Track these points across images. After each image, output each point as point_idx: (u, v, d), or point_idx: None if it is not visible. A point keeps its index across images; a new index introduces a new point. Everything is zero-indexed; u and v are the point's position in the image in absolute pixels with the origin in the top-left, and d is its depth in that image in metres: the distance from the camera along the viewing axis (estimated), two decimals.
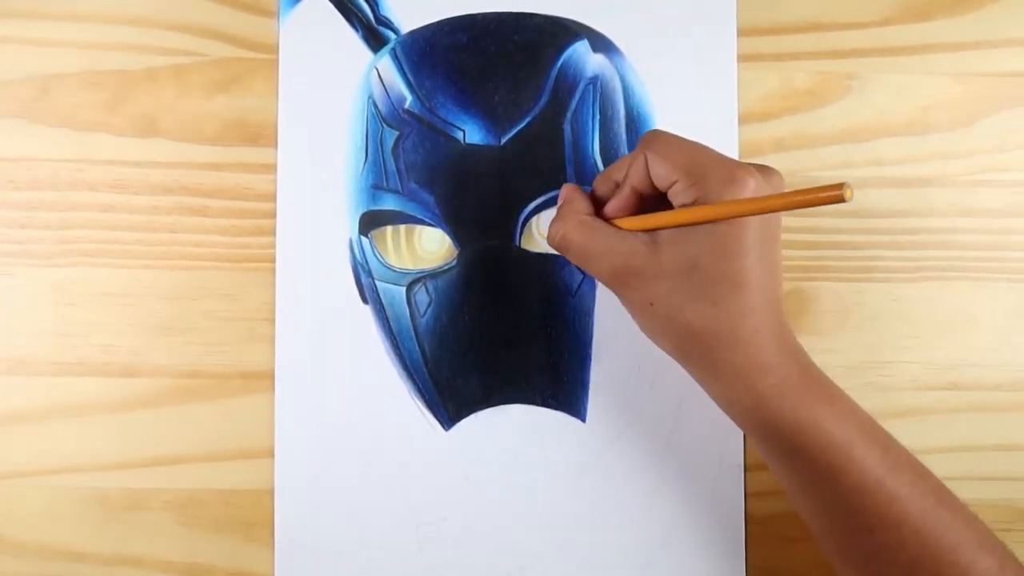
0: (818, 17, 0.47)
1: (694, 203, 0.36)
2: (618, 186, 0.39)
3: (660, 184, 0.37)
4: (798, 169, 0.46)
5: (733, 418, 0.39)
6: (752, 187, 0.35)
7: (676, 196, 0.36)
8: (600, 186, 0.41)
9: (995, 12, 0.47)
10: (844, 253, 0.47)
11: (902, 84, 0.47)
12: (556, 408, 0.46)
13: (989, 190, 0.47)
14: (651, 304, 0.37)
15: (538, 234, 0.46)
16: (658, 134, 0.38)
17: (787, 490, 0.39)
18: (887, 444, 0.37)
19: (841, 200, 0.31)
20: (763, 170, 0.37)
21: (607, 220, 0.39)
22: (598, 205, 0.40)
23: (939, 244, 0.47)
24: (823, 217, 0.46)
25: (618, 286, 0.39)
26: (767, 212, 0.34)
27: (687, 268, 0.36)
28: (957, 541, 0.36)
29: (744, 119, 0.46)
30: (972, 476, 0.46)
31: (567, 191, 0.41)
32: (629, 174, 0.38)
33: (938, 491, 0.37)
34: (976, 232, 0.47)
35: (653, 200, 0.38)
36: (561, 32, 0.46)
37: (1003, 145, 0.47)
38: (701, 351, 0.37)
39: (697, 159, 0.36)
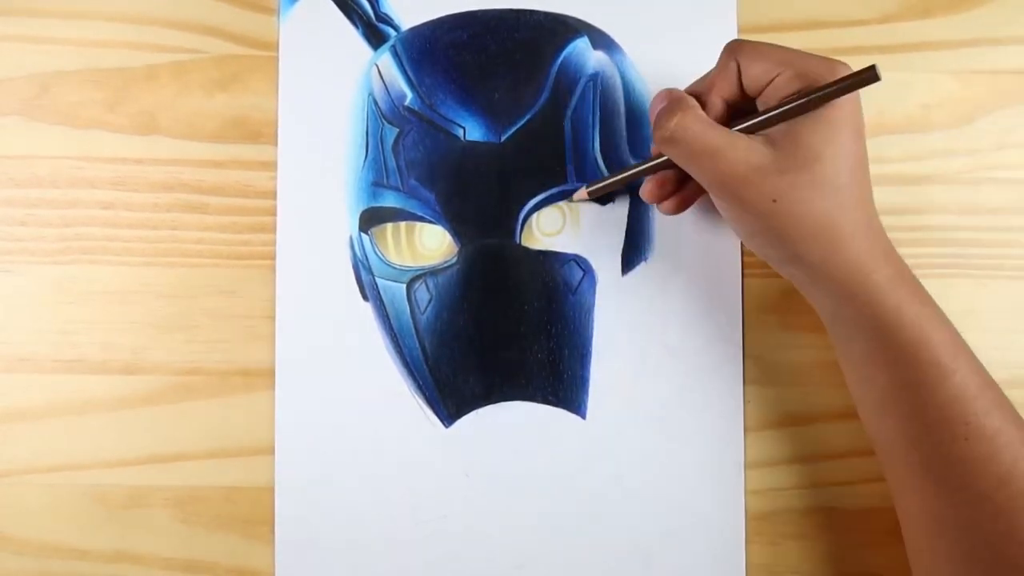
0: (818, 15, 0.47)
1: (797, 93, 0.37)
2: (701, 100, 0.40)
3: (756, 84, 0.38)
4: None
5: (841, 319, 0.38)
6: (846, 71, 0.36)
7: (778, 90, 0.37)
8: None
9: (995, 10, 0.47)
10: None
11: (902, 82, 0.47)
12: (556, 405, 0.46)
13: (990, 188, 0.47)
14: (774, 201, 0.37)
15: (538, 231, 0.46)
16: (743, 42, 0.39)
17: (872, 402, 0.39)
18: (977, 359, 0.38)
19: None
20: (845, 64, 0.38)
21: None
22: None
23: (940, 242, 0.47)
24: None
25: (736, 186, 0.37)
26: (859, 86, 0.36)
27: (810, 159, 0.36)
28: None
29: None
30: None
31: (668, 93, 0.40)
32: (716, 84, 0.39)
33: (1016, 412, 0.37)
34: (977, 230, 0.47)
35: (742, 109, 0.39)
36: (561, 29, 0.46)
37: (1004, 143, 0.47)
38: (825, 244, 0.37)
39: (793, 54, 0.38)
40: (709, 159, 0.37)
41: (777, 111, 0.37)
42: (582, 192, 0.45)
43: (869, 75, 0.35)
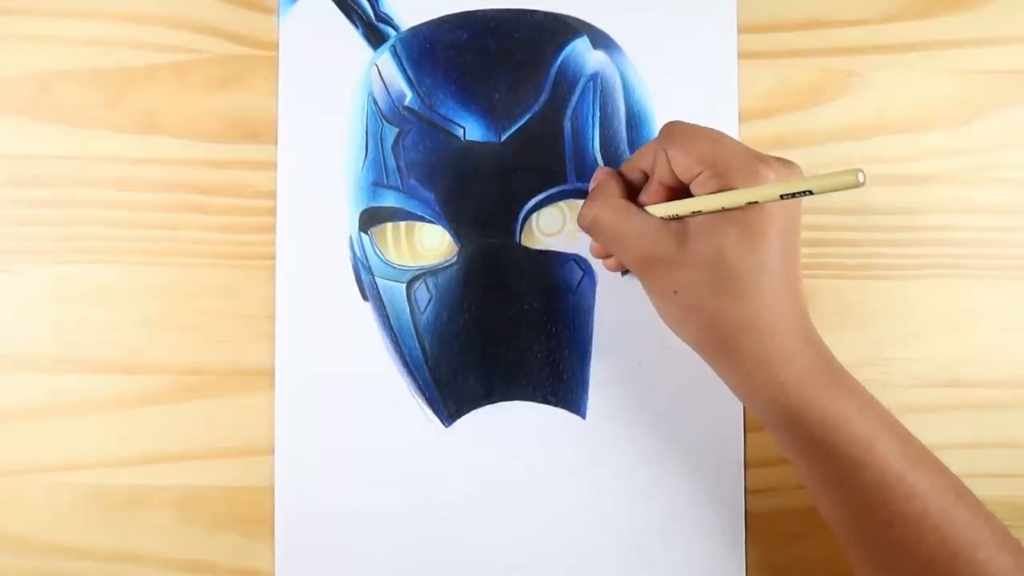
0: (819, 14, 0.47)
1: (717, 192, 0.36)
2: (645, 175, 0.40)
3: (683, 177, 0.37)
4: (799, 167, 0.46)
5: (754, 409, 0.39)
6: (774, 177, 0.35)
7: (699, 188, 0.37)
8: (628, 172, 0.41)
9: (995, 10, 0.47)
10: (845, 250, 0.47)
11: (903, 81, 0.47)
12: (556, 405, 0.46)
13: (990, 187, 0.47)
14: (675, 292, 0.37)
15: (538, 231, 0.46)
16: (676, 127, 0.38)
17: (806, 482, 0.39)
18: (907, 439, 0.37)
19: (855, 184, 0.31)
20: (783, 163, 0.37)
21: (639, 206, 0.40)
22: (629, 190, 0.41)
23: (940, 241, 0.47)
24: (824, 214, 0.46)
25: (644, 272, 0.39)
26: (783, 193, 0.34)
27: (714, 259, 0.36)
28: (975, 538, 0.36)
29: (744, 116, 0.46)
30: (973, 473, 0.46)
31: (600, 174, 0.41)
32: (655, 169, 0.39)
33: (956, 487, 0.37)
34: (977, 229, 0.47)
35: (683, 190, 0.38)
36: (561, 29, 0.46)
37: (1003, 142, 0.47)
38: (723, 340, 0.37)
39: (718, 151, 0.36)
40: (621, 246, 0.39)
41: (694, 206, 0.37)
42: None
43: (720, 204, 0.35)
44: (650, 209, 0.39)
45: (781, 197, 0.34)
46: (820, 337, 0.38)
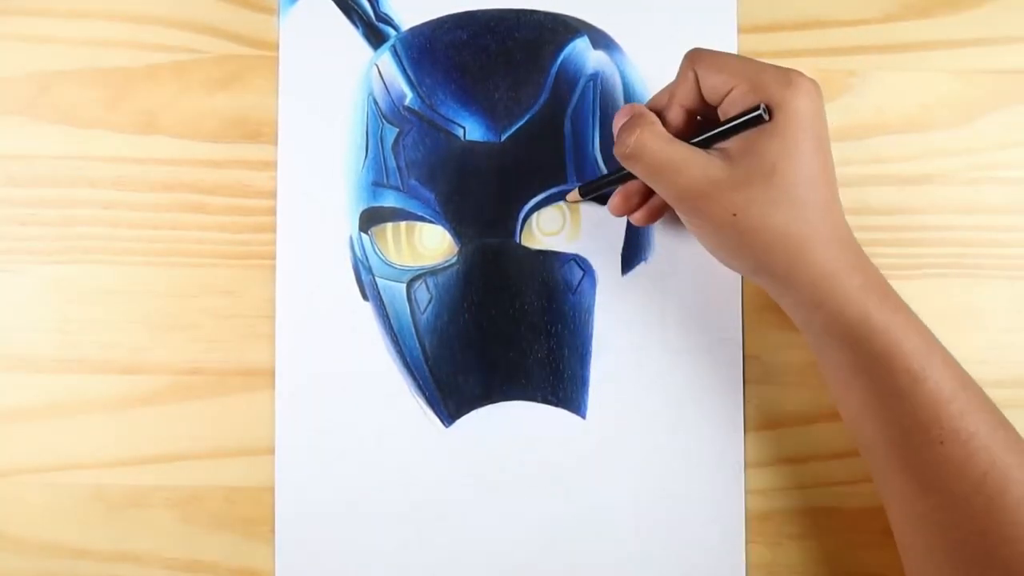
0: (818, 14, 0.47)
1: (755, 107, 0.37)
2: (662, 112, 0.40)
3: (714, 95, 0.38)
4: None
5: (813, 327, 0.38)
6: (807, 86, 0.37)
7: (734, 103, 0.37)
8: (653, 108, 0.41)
9: (995, 9, 0.47)
10: None
11: (902, 81, 0.47)
12: (556, 405, 0.46)
13: (989, 187, 0.47)
14: (734, 215, 0.37)
15: (538, 231, 0.46)
16: (701, 51, 0.39)
17: (852, 407, 0.39)
18: (956, 363, 0.38)
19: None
20: (807, 78, 0.38)
21: None
22: None
23: (939, 241, 0.47)
24: None
25: (696, 201, 0.38)
26: None
27: (767, 172, 0.36)
28: (1019, 463, 0.36)
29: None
30: None
31: (630, 108, 0.41)
32: (676, 93, 0.39)
33: (999, 416, 0.37)
34: (977, 229, 0.47)
35: (702, 116, 0.39)
36: (561, 29, 0.46)
37: (1004, 142, 0.47)
38: (789, 256, 0.37)
39: (750, 66, 0.37)
40: (668, 175, 0.38)
41: (719, 129, 0.38)
42: (575, 193, 0.45)
43: (756, 116, 0.36)
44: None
45: None
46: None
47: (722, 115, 0.38)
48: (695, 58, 0.39)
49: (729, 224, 0.37)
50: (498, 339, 0.46)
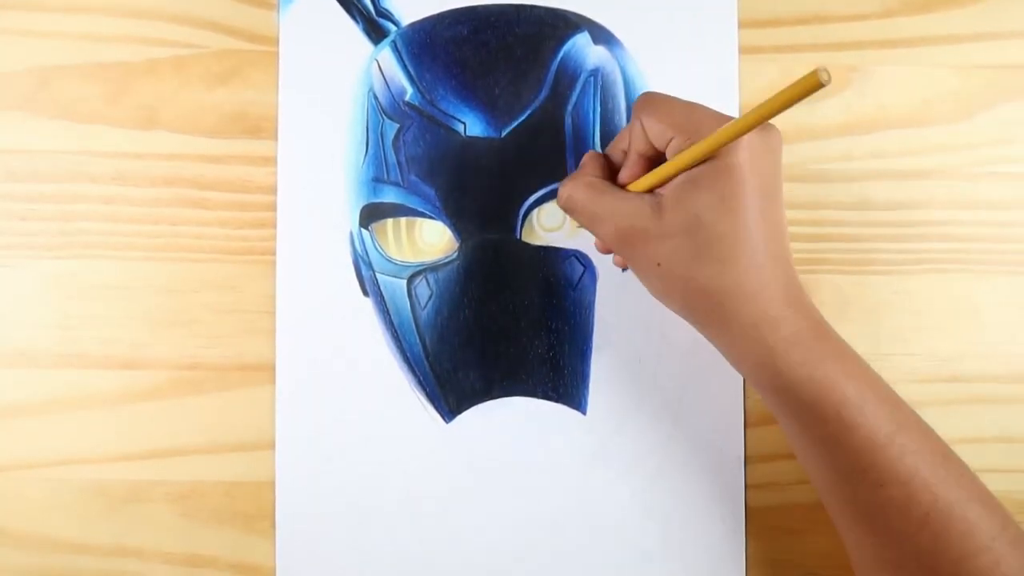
0: (819, 9, 0.47)
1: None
2: (625, 153, 0.40)
3: (658, 144, 0.38)
4: (798, 161, 0.46)
5: (744, 375, 0.39)
6: (748, 139, 0.35)
7: (673, 152, 0.37)
8: (612, 153, 0.41)
9: (996, 4, 0.47)
10: (844, 245, 0.47)
11: (903, 76, 0.47)
12: (557, 401, 0.46)
13: (990, 182, 0.47)
14: (658, 264, 0.37)
15: (539, 226, 0.46)
16: (649, 96, 0.38)
17: (795, 449, 0.39)
18: (896, 402, 0.37)
19: (819, 84, 0.30)
20: (761, 127, 0.36)
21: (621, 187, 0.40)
22: (613, 172, 0.41)
23: (940, 236, 0.47)
24: (824, 210, 0.46)
25: (624, 247, 0.38)
26: (751, 126, 0.34)
27: (691, 226, 0.36)
28: (964, 496, 0.36)
29: (745, 111, 0.46)
30: (973, 468, 0.46)
31: (585, 157, 0.41)
32: (632, 140, 0.39)
33: (943, 449, 0.37)
34: (977, 224, 0.47)
35: (660, 161, 0.39)
36: (562, 24, 0.46)
37: (1004, 137, 0.47)
38: (709, 307, 0.37)
39: (690, 115, 0.37)
40: (599, 224, 0.39)
41: (668, 170, 0.37)
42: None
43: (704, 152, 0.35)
44: (630, 186, 0.39)
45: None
46: (810, 299, 0.38)
47: (668, 159, 0.37)
48: (641, 106, 0.38)
49: (654, 272, 0.38)
50: (498, 335, 0.46)
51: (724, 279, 0.36)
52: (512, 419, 0.46)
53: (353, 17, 0.46)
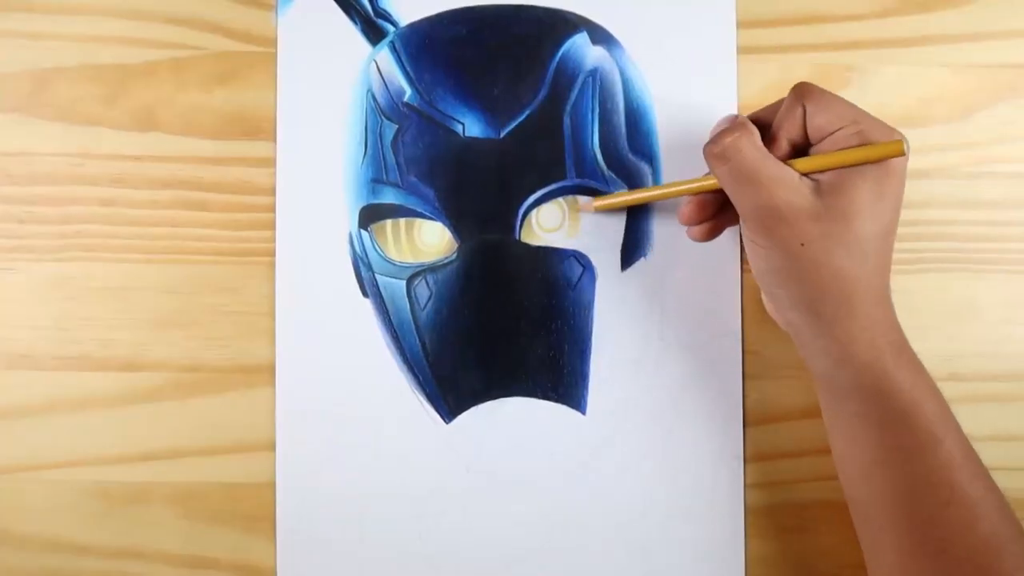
0: (817, 9, 0.47)
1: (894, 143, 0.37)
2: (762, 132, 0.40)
3: (819, 133, 0.38)
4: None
5: (836, 378, 0.39)
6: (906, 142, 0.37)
7: (836, 143, 0.37)
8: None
9: (993, 3, 0.47)
10: None
11: (901, 76, 0.47)
12: (556, 401, 0.46)
13: (988, 182, 0.47)
14: (802, 245, 0.37)
15: (538, 227, 0.46)
16: (811, 87, 0.39)
17: (858, 461, 0.39)
18: (960, 427, 0.38)
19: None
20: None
21: None
22: None
23: (938, 236, 0.47)
24: None
25: (769, 220, 0.37)
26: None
27: (849, 214, 0.36)
28: (1014, 533, 0.37)
29: (744, 111, 0.46)
30: None
31: (735, 117, 0.40)
32: (784, 125, 0.39)
33: (992, 480, 0.38)
34: (975, 224, 0.47)
35: (801, 152, 0.39)
36: (560, 24, 0.46)
37: (1002, 137, 0.47)
38: (839, 300, 0.37)
39: (857, 112, 0.38)
40: (752, 186, 0.38)
41: (837, 163, 0.37)
42: (588, 204, 0.45)
43: (896, 148, 0.36)
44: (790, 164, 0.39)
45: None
46: None
47: (815, 152, 0.38)
48: (804, 93, 0.38)
49: (794, 252, 0.37)
50: (498, 335, 0.46)
51: (863, 272, 0.37)
52: (512, 419, 0.46)
53: (351, 18, 0.46)
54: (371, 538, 0.46)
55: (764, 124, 0.40)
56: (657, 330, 0.46)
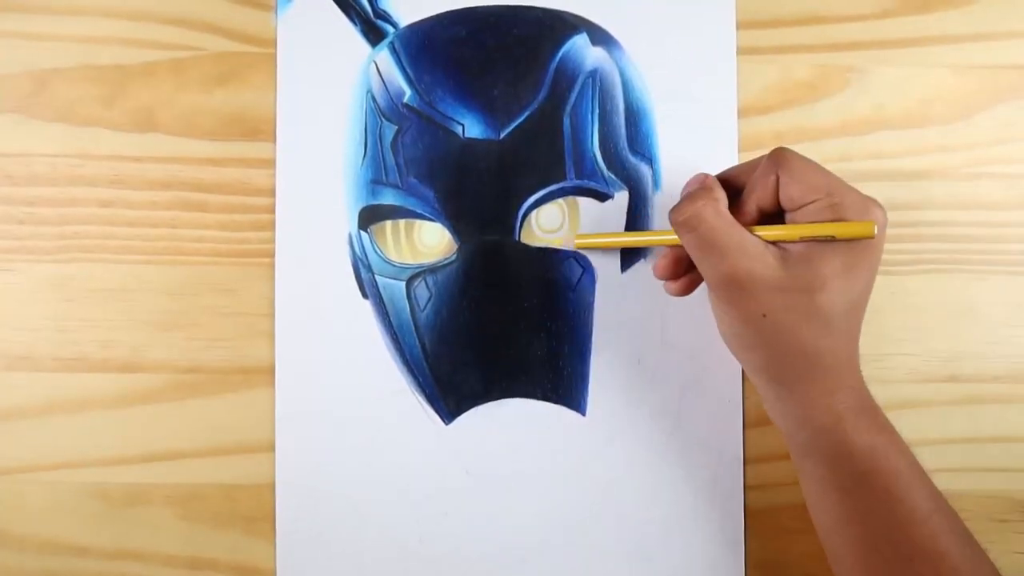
0: (817, 10, 0.47)
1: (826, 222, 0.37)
2: (734, 194, 0.40)
3: (790, 203, 0.38)
4: None
5: (797, 440, 0.39)
6: (882, 219, 0.37)
7: (809, 214, 0.37)
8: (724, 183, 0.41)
9: (993, 4, 0.47)
10: None
11: (901, 77, 0.47)
12: (556, 402, 0.46)
13: (988, 183, 0.47)
14: (763, 316, 0.37)
15: (537, 228, 0.46)
16: (788, 153, 0.38)
17: (828, 518, 0.39)
18: (930, 481, 0.38)
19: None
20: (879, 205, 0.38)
21: None
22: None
23: (938, 237, 0.47)
24: None
25: (732, 288, 0.38)
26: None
27: (815, 286, 0.36)
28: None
29: (743, 112, 0.46)
30: (970, 468, 0.46)
31: (704, 178, 0.40)
32: (755, 190, 0.39)
33: (964, 529, 0.38)
34: (975, 225, 0.47)
35: (771, 219, 0.39)
36: (560, 25, 0.46)
37: (1002, 138, 0.47)
38: (799, 368, 0.37)
39: (832, 184, 0.37)
40: (716, 255, 0.38)
41: (802, 235, 0.37)
42: (570, 241, 0.45)
43: (867, 230, 0.36)
44: (757, 232, 0.38)
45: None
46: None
47: (791, 220, 0.38)
48: (780, 161, 0.38)
49: (756, 322, 0.37)
50: (498, 336, 0.46)
51: (826, 345, 0.37)
52: (512, 420, 0.46)
53: (351, 18, 0.46)
54: (371, 539, 0.46)
55: (737, 185, 0.40)
56: (657, 331, 0.46)
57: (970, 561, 0.37)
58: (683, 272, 0.42)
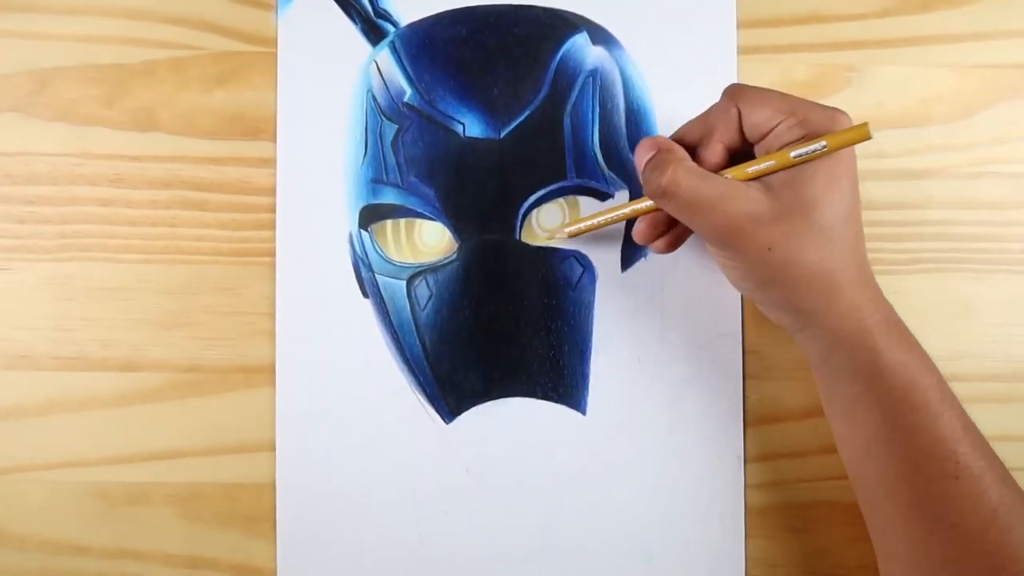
0: (817, 9, 0.47)
1: (802, 139, 0.37)
2: (695, 143, 0.40)
3: (757, 132, 0.38)
4: None
5: (830, 362, 0.39)
6: (847, 121, 0.37)
7: (779, 137, 0.37)
8: (683, 139, 0.40)
9: (994, 3, 0.47)
10: None
11: (901, 76, 0.47)
12: (556, 401, 0.46)
13: (988, 182, 0.47)
14: (769, 250, 0.37)
15: (538, 227, 0.46)
16: (742, 87, 0.39)
17: (860, 443, 0.39)
18: (956, 397, 0.38)
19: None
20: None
21: None
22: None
23: (938, 236, 0.47)
24: None
25: (731, 235, 0.37)
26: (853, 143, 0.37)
27: (807, 207, 0.36)
28: (1020, 499, 0.36)
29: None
30: None
31: (657, 140, 0.39)
32: (717, 129, 0.39)
33: (993, 451, 0.38)
34: (975, 224, 0.47)
35: (740, 154, 0.39)
36: (560, 24, 0.46)
37: (1002, 137, 0.47)
38: (818, 292, 0.37)
39: (792, 101, 0.38)
40: (704, 212, 0.37)
41: (775, 163, 0.37)
42: (561, 231, 0.45)
43: (863, 133, 0.36)
44: (729, 174, 0.38)
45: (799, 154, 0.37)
46: None
47: (761, 151, 0.38)
48: (736, 94, 0.38)
49: (763, 259, 0.37)
50: (498, 336, 0.46)
51: (835, 260, 0.37)
52: (512, 420, 0.46)
53: (351, 18, 0.46)
54: (371, 538, 0.46)
55: (691, 141, 0.40)
56: (657, 331, 0.46)
57: (1003, 481, 0.36)
58: (665, 230, 0.42)
